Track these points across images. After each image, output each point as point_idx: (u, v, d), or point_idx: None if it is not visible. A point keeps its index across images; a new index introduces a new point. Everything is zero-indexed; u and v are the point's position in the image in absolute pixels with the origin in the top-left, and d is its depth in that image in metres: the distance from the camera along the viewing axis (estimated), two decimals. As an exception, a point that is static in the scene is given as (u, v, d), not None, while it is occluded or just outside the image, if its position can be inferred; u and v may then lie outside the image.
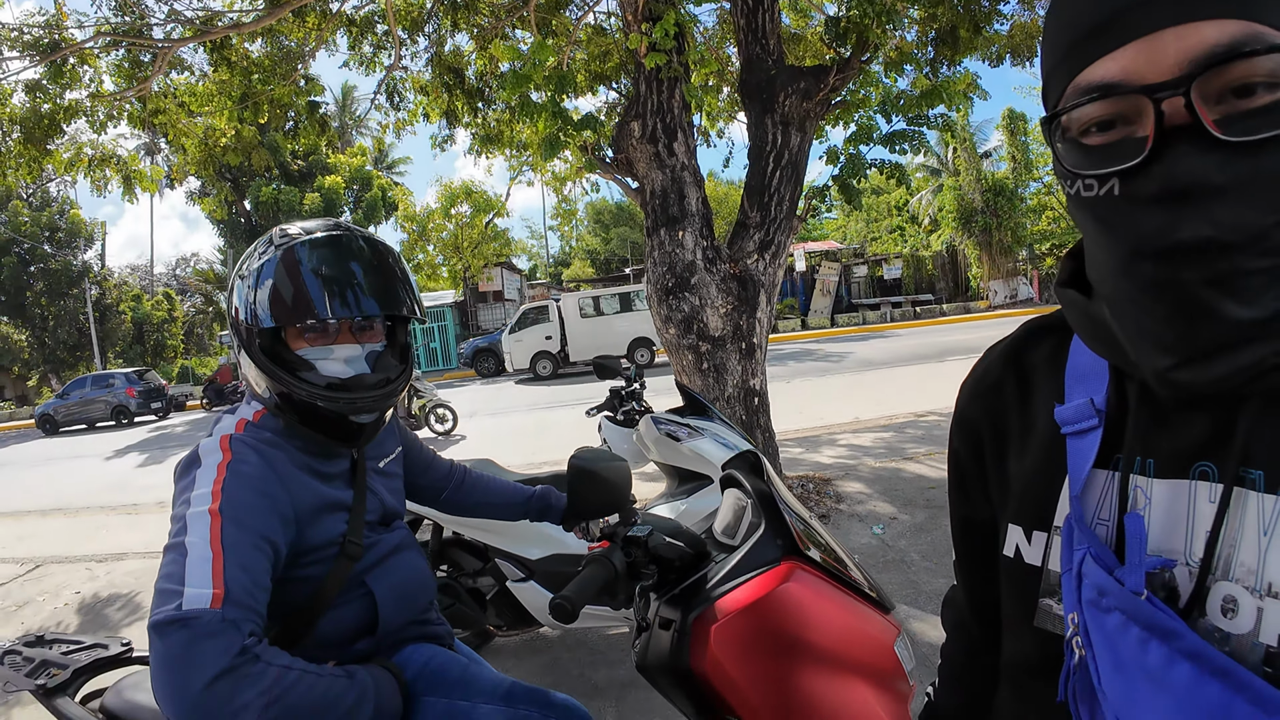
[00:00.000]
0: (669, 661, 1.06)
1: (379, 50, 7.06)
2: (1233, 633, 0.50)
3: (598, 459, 1.27)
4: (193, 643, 0.88)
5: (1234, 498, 0.50)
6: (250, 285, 1.17)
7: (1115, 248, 0.51)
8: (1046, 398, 0.65)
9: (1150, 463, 0.56)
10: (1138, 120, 0.48)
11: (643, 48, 4.20)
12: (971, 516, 0.75)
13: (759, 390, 4.52)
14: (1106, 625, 0.53)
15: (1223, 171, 0.45)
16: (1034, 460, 0.65)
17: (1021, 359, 0.70)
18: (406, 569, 1.30)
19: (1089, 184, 0.51)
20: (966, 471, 0.74)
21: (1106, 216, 0.51)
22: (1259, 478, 0.50)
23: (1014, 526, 0.65)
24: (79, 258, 27.41)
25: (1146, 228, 0.48)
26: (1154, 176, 0.47)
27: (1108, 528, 0.57)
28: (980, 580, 0.75)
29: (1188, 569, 0.53)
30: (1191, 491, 0.53)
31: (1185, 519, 0.53)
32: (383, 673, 1.12)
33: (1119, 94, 0.48)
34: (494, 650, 3.13)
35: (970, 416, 0.73)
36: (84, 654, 1.58)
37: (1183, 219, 0.46)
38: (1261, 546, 0.49)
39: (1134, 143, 0.48)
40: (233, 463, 1.07)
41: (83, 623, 4.27)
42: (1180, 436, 0.55)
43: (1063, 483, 0.61)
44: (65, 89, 6.12)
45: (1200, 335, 0.48)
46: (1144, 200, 0.48)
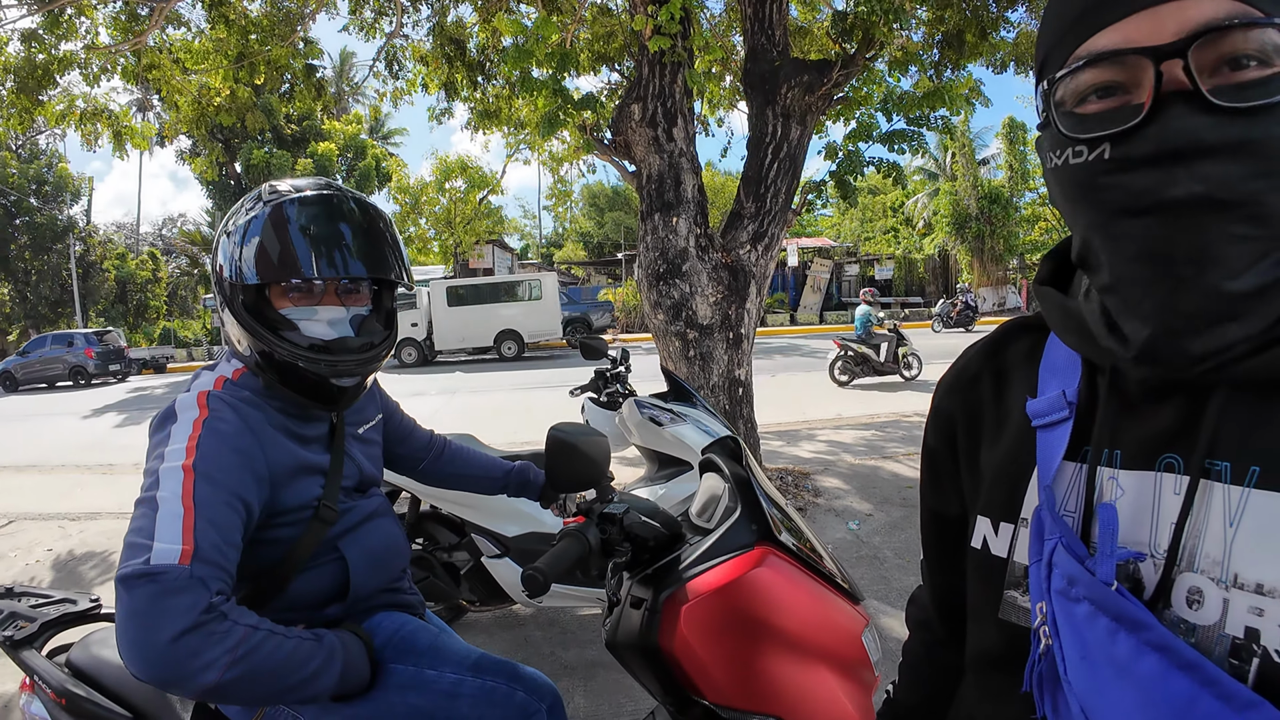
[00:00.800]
0: (638, 640, 1.07)
1: (380, 16, 6.96)
2: (1198, 624, 0.50)
3: (577, 432, 1.27)
4: (159, 597, 0.87)
5: (1200, 489, 0.51)
6: (236, 241, 1.16)
7: (1102, 211, 0.53)
8: (1020, 392, 0.66)
9: (1118, 454, 0.57)
10: (1134, 89, 0.50)
11: (647, 30, 4.17)
12: (942, 511, 0.76)
13: (744, 381, 4.54)
14: (1075, 615, 0.54)
15: (1214, 133, 0.47)
16: (1005, 452, 0.66)
17: (999, 355, 0.72)
18: (380, 536, 1.29)
19: (1079, 150, 0.53)
20: (940, 464, 0.75)
21: (1096, 180, 0.52)
22: (1225, 469, 0.51)
23: (982, 518, 0.66)
24: (65, 212, 26.95)
25: (1138, 185, 0.50)
26: (1149, 138, 0.49)
27: (1074, 519, 0.58)
28: (946, 576, 0.76)
29: (1153, 560, 0.53)
30: (1157, 483, 0.54)
31: (1151, 510, 0.54)
32: (351, 637, 1.12)
33: (1122, 56, 0.50)
34: (466, 625, 3.14)
35: (946, 409, 0.74)
36: (52, 608, 1.57)
37: (1175, 178, 0.48)
38: (1227, 538, 0.50)
39: (1130, 109, 0.50)
40: (209, 419, 1.06)
41: (54, 579, 4.25)
42: (1147, 428, 0.55)
43: (1031, 475, 0.62)
44: (61, 39, 6.00)
45: (1181, 304, 0.50)
46: (1137, 160, 0.50)
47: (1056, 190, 0.58)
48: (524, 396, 10.89)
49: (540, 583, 0.97)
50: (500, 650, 2.91)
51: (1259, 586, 0.48)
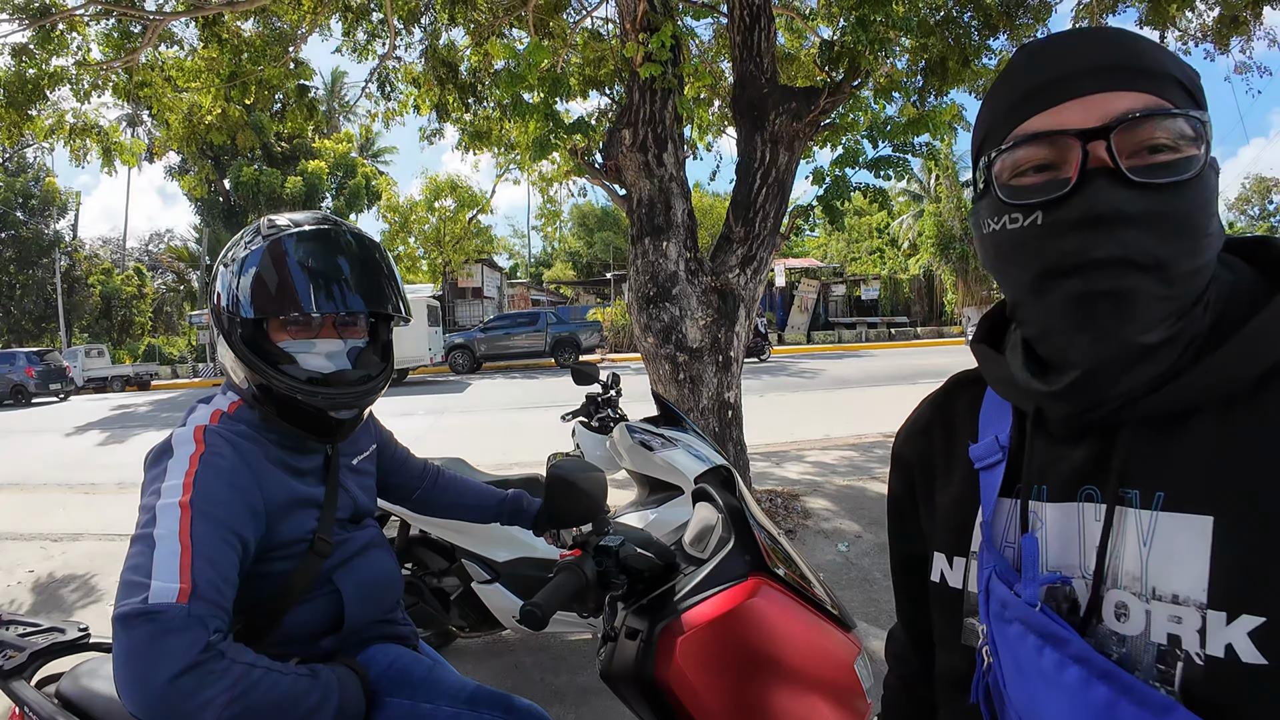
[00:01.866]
0: (634, 671, 1.08)
1: (373, 38, 7.01)
2: (1128, 635, 0.57)
3: (576, 469, 1.28)
4: (157, 637, 0.88)
5: (1116, 515, 0.58)
6: (234, 273, 1.17)
7: (1034, 269, 0.60)
8: (965, 439, 0.74)
9: (1044, 489, 0.64)
10: (1063, 166, 0.58)
11: (639, 57, 4.23)
12: (909, 552, 0.82)
13: (733, 403, 4.56)
14: (1008, 634, 0.61)
15: (1132, 205, 0.55)
16: (954, 493, 0.74)
17: (947, 407, 0.80)
18: (375, 568, 1.30)
19: (1015, 217, 0.60)
20: (903, 508, 0.83)
21: (1030, 243, 0.60)
22: (1135, 496, 0.58)
23: (938, 554, 0.74)
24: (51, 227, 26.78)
25: (1066, 248, 0.57)
26: (1075, 206, 0.56)
27: (1013, 549, 0.65)
28: (918, 613, 0.81)
29: (1084, 581, 0.60)
30: (1080, 512, 0.61)
31: (1077, 537, 0.61)
32: (347, 672, 1.12)
33: (1054, 137, 0.58)
34: (456, 651, 3.12)
35: (904, 457, 0.82)
36: (41, 637, 1.55)
37: (1097, 241, 0.56)
38: (1142, 556, 0.57)
39: (1059, 182, 0.58)
40: (205, 454, 1.06)
41: (36, 602, 4.17)
42: (1068, 464, 0.63)
43: (978, 512, 0.69)
44: (52, 55, 6.00)
45: (1102, 351, 0.57)
46: (1065, 226, 0.57)
47: (992, 253, 0.65)
48: (514, 416, 10.86)
49: (539, 618, 0.98)
50: (491, 678, 2.89)
51: (1175, 597, 0.54)
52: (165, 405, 16.92)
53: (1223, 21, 6.43)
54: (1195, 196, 0.56)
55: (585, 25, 7.50)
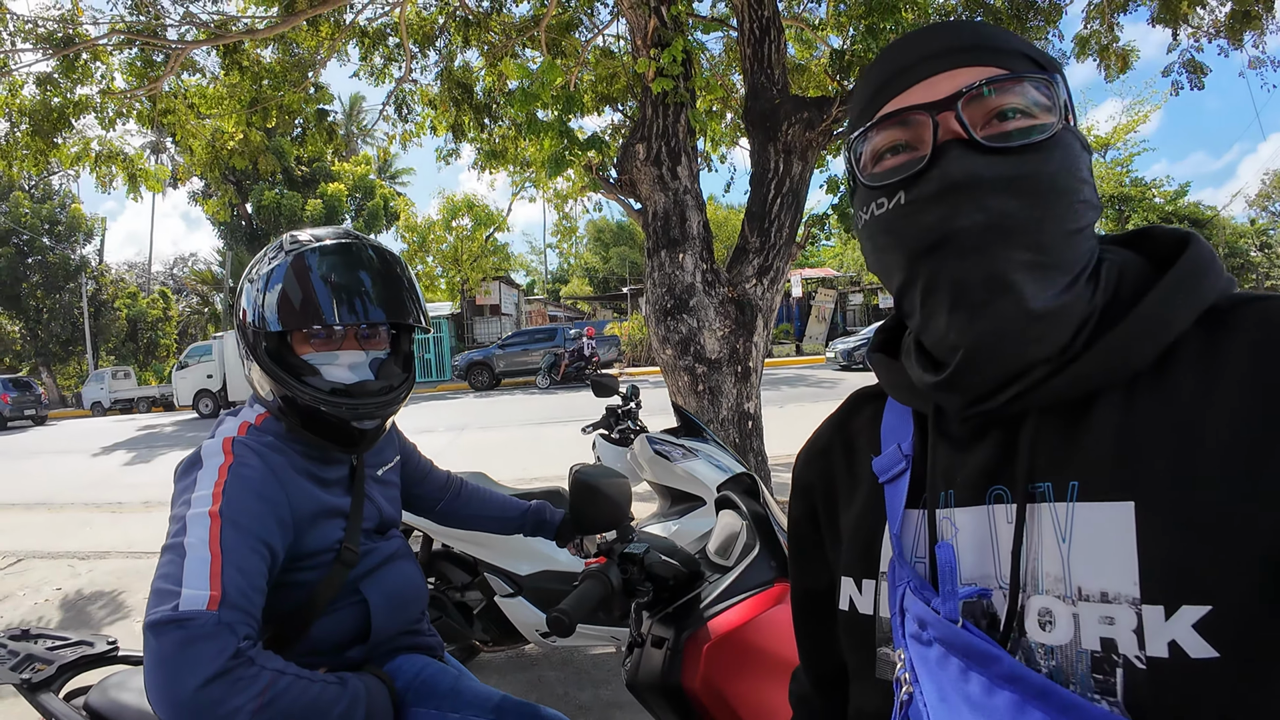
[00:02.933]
0: (660, 680, 1.07)
1: (389, 62, 7.13)
2: (1055, 645, 0.51)
3: (601, 475, 1.28)
4: (188, 643, 0.89)
5: (1029, 513, 0.54)
6: (259, 289, 1.19)
7: (904, 251, 0.59)
8: (867, 456, 0.70)
9: (951, 494, 0.60)
10: (920, 145, 0.58)
11: (650, 72, 4.27)
12: (811, 586, 0.76)
13: (753, 414, 4.54)
14: (929, 658, 0.55)
15: (989, 170, 0.54)
16: (858, 512, 0.69)
17: (847, 425, 0.76)
18: (401, 578, 1.30)
19: (880, 202, 0.60)
20: (804, 537, 0.77)
21: (896, 225, 0.59)
22: (1047, 489, 0.53)
23: (846, 579, 0.68)
24: (77, 252, 27.33)
25: (929, 220, 0.56)
26: (933, 179, 0.56)
27: (924, 564, 0.60)
28: (820, 650, 0.76)
29: (1002, 591, 0.54)
30: (991, 515, 0.57)
31: (990, 543, 0.56)
32: (374, 681, 1.13)
33: (905, 114, 0.58)
34: (479, 665, 3.11)
35: (805, 481, 0.77)
36: (69, 650, 1.57)
37: (959, 209, 0.55)
38: (1063, 553, 0.51)
39: (916, 160, 0.58)
40: (234, 465, 1.08)
41: (64, 619, 4.23)
42: (973, 465, 0.59)
43: (884, 529, 0.65)
44: (76, 84, 6.15)
45: (980, 326, 0.55)
46: (925, 200, 0.56)
47: (869, 245, 0.64)
48: (534, 431, 10.89)
49: (566, 625, 0.98)
50: (514, 691, 2.88)
51: (1103, 595, 0.49)
52: (190, 425, 17.15)
53: (1235, 16, 6.37)
54: (1056, 158, 0.55)
55: (597, 43, 7.58)
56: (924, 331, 0.62)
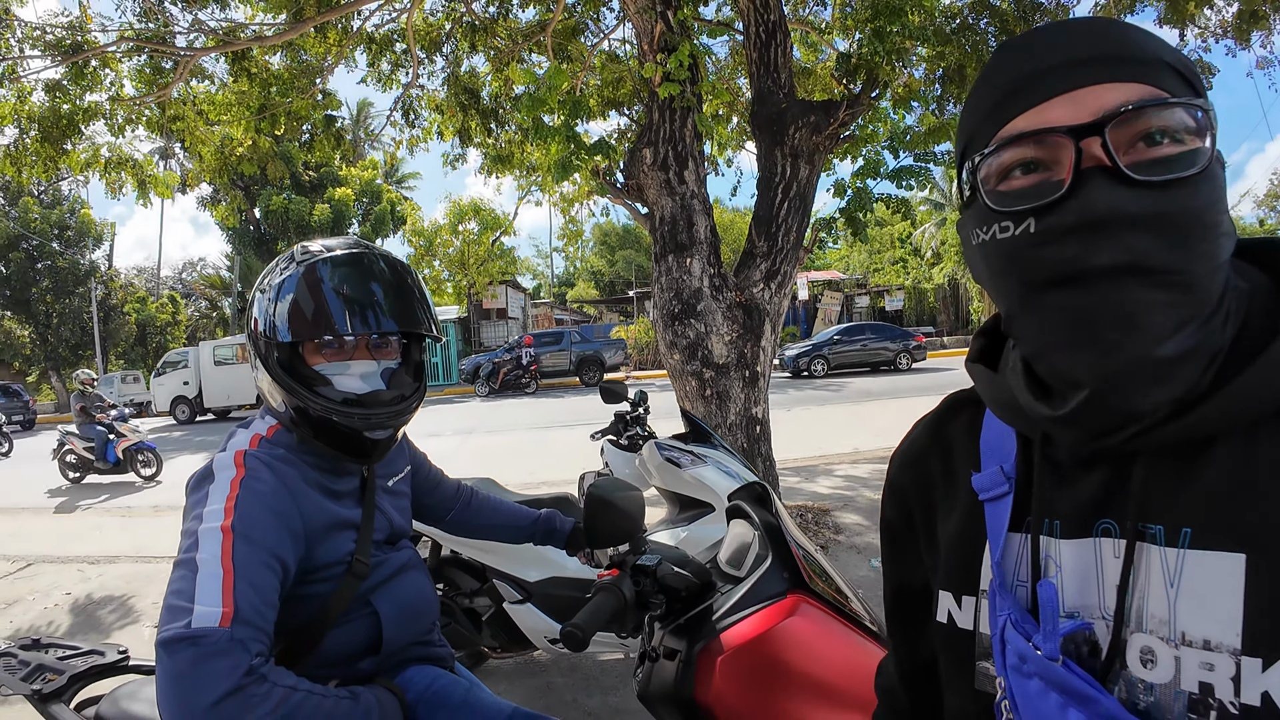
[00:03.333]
0: (673, 692, 1.06)
1: (397, 68, 7.17)
2: (1155, 683, 0.52)
3: (614, 489, 1.28)
4: (200, 661, 0.88)
5: (1138, 552, 0.53)
6: (270, 299, 1.19)
7: (1028, 281, 0.55)
8: (965, 466, 0.69)
9: (1056, 524, 0.59)
10: (1055, 167, 0.53)
11: (657, 77, 4.27)
12: (906, 582, 0.77)
13: (761, 418, 4.53)
14: (1028, 690, 0.55)
15: (1133, 205, 0.50)
16: (958, 526, 0.67)
17: (943, 431, 0.74)
18: (412, 589, 1.30)
19: (1005, 226, 0.56)
20: (899, 537, 0.77)
21: (1023, 253, 0.55)
22: (1159, 532, 0.52)
23: (944, 593, 0.67)
24: (86, 257, 27.47)
25: (1063, 255, 0.52)
26: (1070, 210, 0.51)
27: (1025, 589, 0.59)
28: (912, 647, 0.77)
29: (1105, 622, 0.55)
30: (1097, 549, 0.56)
31: (1095, 575, 0.56)
32: (386, 694, 1.12)
33: (1043, 135, 0.53)
34: (488, 672, 3.11)
35: (900, 485, 0.76)
36: (80, 660, 1.57)
37: (1097, 247, 0.51)
38: (1170, 598, 0.51)
39: (1051, 184, 0.53)
40: (246, 479, 1.08)
41: (73, 624, 4.24)
42: (1081, 496, 0.58)
43: (984, 547, 0.64)
44: (86, 90, 6.19)
45: (1108, 368, 0.52)
46: (1060, 232, 0.52)
47: (982, 265, 0.60)
48: (541, 435, 10.90)
49: (580, 639, 0.97)
50: (523, 699, 2.88)
51: (1206, 643, 0.49)
52: (199, 429, 17.23)
53: (1242, 16, 6.35)
54: (1203, 193, 0.51)
55: (603, 48, 7.60)
56: (1039, 361, 0.59)
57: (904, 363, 18.00)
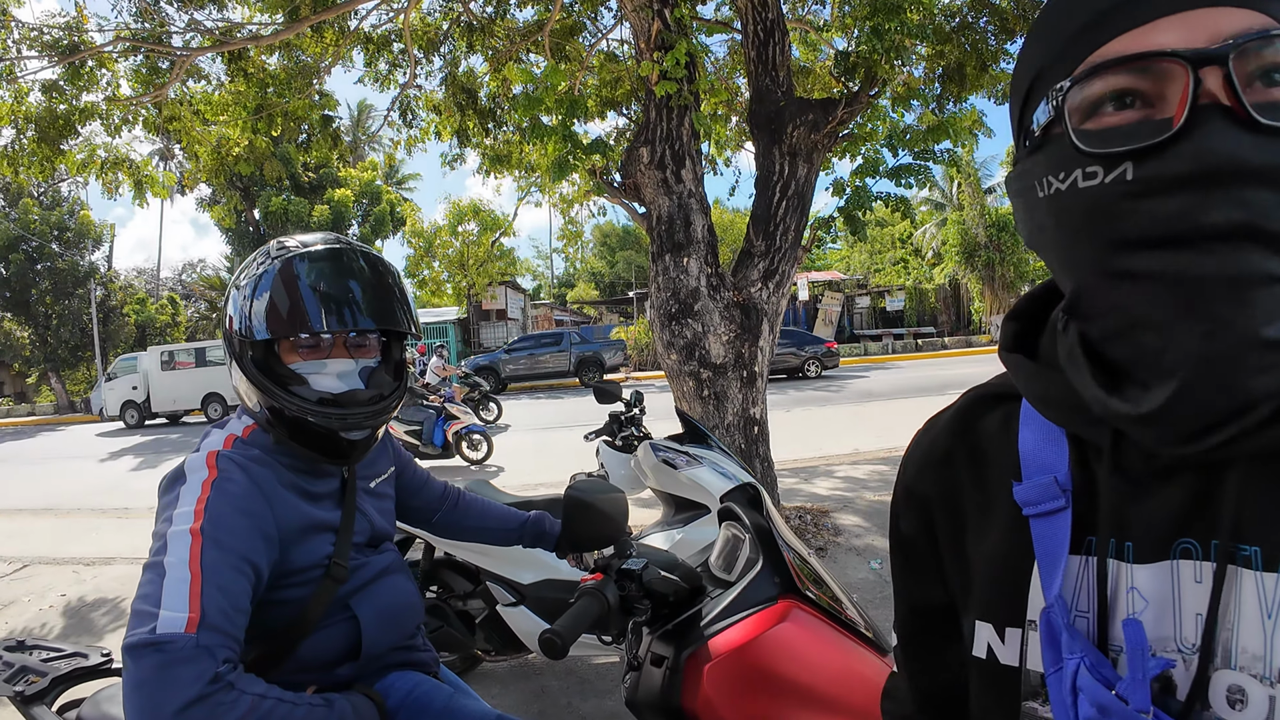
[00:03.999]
0: (660, 700, 1.04)
1: (394, 68, 7.15)
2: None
3: (594, 491, 1.25)
4: (165, 668, 0.86)
5: (1229, 576, 0.46)
6: (246, 296, 1.16)
7: (1119, 241, 0.46)
8: (1001, 473, 0.59)
9: (1128, 545, 0.50)
10: (1159, 102, 0.45)
11: (654, 76, 4.25)
12: (924, 603, 0.67)
13: (759, 419, 4.51)
14: None
15: (1258, 155, 0.42)
16: (996, 547, 0.58)
17: (970, 430, 0.64)
18: (393, 593, 1.27)
19: (1092, 171, 0.46)
20: (917, 553, 0.67)
21: (1114, 205, 0.46)
22: (1255, 554, 0.45)
23: (982, 624, 0.58)
24: (86, 258, 27.46)
25: (1168, 210, 0.43)
26: (1183, 155, 0.43)
27: (1088, 621, 0.52)
28: (935, 675, 0.68)
29: (1181, 657, 0.48)
30: (1175, 572, 0.48)
31: (1173, 603, 0.48)
32: (363, 701, 1.10)
33: (1152, 61, 0.44)
34: (481, 675, 3.08)
35: (920, 492, 0.66)
36: (63, 662, 1.55)
37: (1211, 202, 0.42)
38: (1267, 630, 0.44)
39: (1155, 124, 0.44)
40: (218, 480, 1.05)
41: (67, 626, 4.22)
42: (1157, 512, 0.50)
43: (1031, 571, 0.55)
44: (82, 91, 6.18)
45: (1215, 349, 0.43)
46: (1166, 182, 0.43)
47: (1051, 222, 0.51)
48: (540, 436, 10.87)
49: (559, 646, 0.94)
50: (517, 703, 2.85)
51: None
52: (198, 431, 17.21)
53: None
54: None
55: (601, 47, 7.58)
56: (1118, 343, 0.49)
57: (812, 370, 17.36)
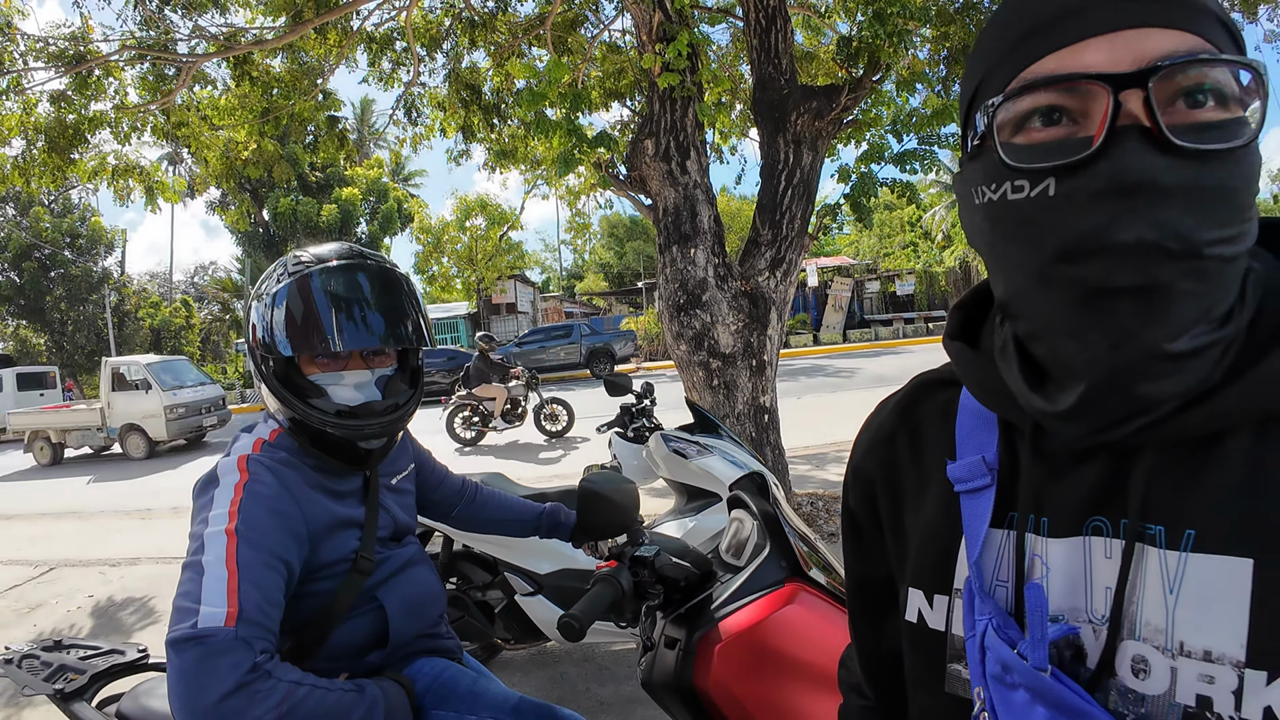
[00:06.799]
0: (673, 680, 1.08)
1: (398, 66, 7.18)
2: (1147, 694, 0.48)
3: (607, 482, 1.29)
4: (206, 659, 0.91)
5: (1136, 553, 0.49)
6: (268, 306, 1.20)
7: (1041, 252, 0.49)
8: (938, 453, 0.64)
9: (1045, 521, 0.54)
10: (1083, 120, 0.47)
11: (656, 67, 4.26)
12: (867, 574, 0.72)
13: (769, 407, 4.54)
14: (1012, 702, 0.51)
15: (1170, 176, 0.44)
16: (929, 519, 0.62)
17: (913, 413, 0.68)
18: (417, 583, 1.32)
19: (1019, 185, 0.49)
20: (862, 526, 0.72)
21: (1036, 217, 0.49)
22: (1159, 533, 0.48)
23: (914, 590, 0.62)
24: (99, 264, 27.76)
25: (1083, 227, 0.46)
26: (1099, 173, 0.45)
27: (1006, 589, 0.55)
28: (876, 643, 0.73)
29: (1091, 627, 0.51)
30: (1087, 548, 0.52)
31: (1084, 576, 0.52)
32: (393, 685, 1.15)
33: (1077, 82, 0.46)
34: (501, 664, 3.15)
35: (864, 469, 0.71)
36: (101, 660, 1.61)
37: (1123, 220, 0.45)
38: (1168, 605, 0.47)
39: (1079, 141, 0.47)
40: (249, 483, 1.10)
41: (95, 626, 4.31)
42: (1072, 491, 0.53)
43: (960, 543, 0.59)
44: (90, 100, 6.25)
45: (1120, 358, 0.47)
46: (1084, 198, 0.46)
47: (985, 229, 0.54)
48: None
49: (576, 630, 0.99)
50: (536, 689, 2.91)
51: (1207, 654, 0.46)
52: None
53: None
54: (1244, 169, 0.46)
55: (603, 39, 7.58)
56: (1038, 343, 0.53)
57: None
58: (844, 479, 0.75)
